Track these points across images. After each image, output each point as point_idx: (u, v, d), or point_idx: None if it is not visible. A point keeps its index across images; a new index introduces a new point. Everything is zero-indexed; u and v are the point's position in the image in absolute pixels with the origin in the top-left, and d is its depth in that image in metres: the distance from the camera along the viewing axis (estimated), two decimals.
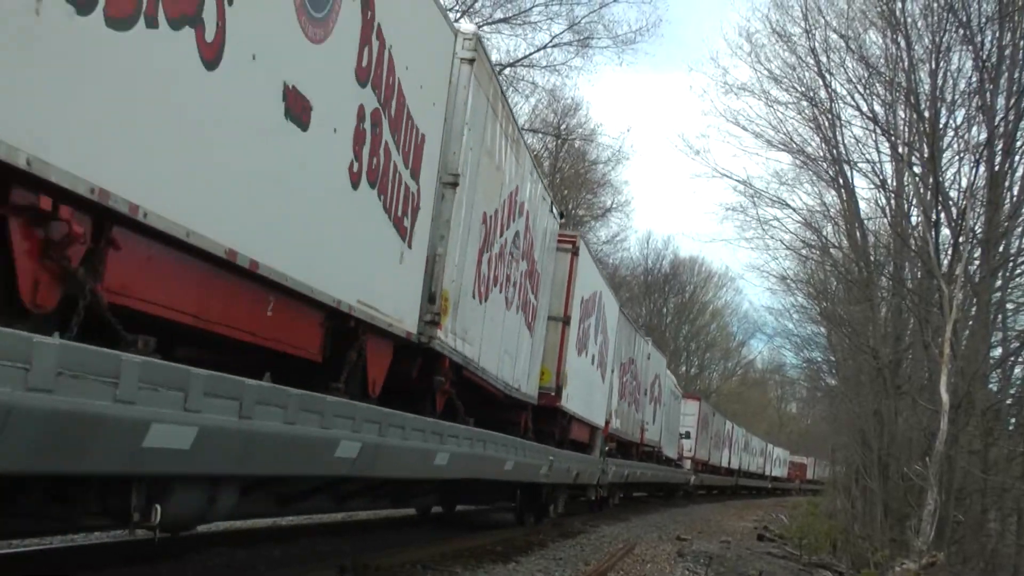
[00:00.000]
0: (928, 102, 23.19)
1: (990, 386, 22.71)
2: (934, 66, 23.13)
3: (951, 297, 18.70)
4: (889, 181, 26.55)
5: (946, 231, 22.12)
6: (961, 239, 21.20)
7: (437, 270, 9.76)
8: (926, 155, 23.16)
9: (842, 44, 25.71)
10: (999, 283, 22.38)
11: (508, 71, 36.49)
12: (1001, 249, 21.83)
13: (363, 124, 7.51)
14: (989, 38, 21.72)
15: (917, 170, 23.97)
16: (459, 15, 32.58)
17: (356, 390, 8.21)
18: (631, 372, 26.85)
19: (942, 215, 22.06)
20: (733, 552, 22.14)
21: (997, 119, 21.41)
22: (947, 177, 22.89)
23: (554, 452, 16.60)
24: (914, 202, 25.10)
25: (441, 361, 10.40)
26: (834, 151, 27.35)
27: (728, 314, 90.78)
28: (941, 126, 22.95)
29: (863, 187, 74.84)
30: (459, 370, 11.15)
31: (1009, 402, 22.77)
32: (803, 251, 33.28)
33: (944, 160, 22.92)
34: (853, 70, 25.95)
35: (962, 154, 22.87)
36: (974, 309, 21.50)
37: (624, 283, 60.71)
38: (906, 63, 23.70)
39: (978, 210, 21.66)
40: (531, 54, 35.57)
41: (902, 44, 23.77)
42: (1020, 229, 22.71)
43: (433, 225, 9.57)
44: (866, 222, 28.81)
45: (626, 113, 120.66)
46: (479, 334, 11.60)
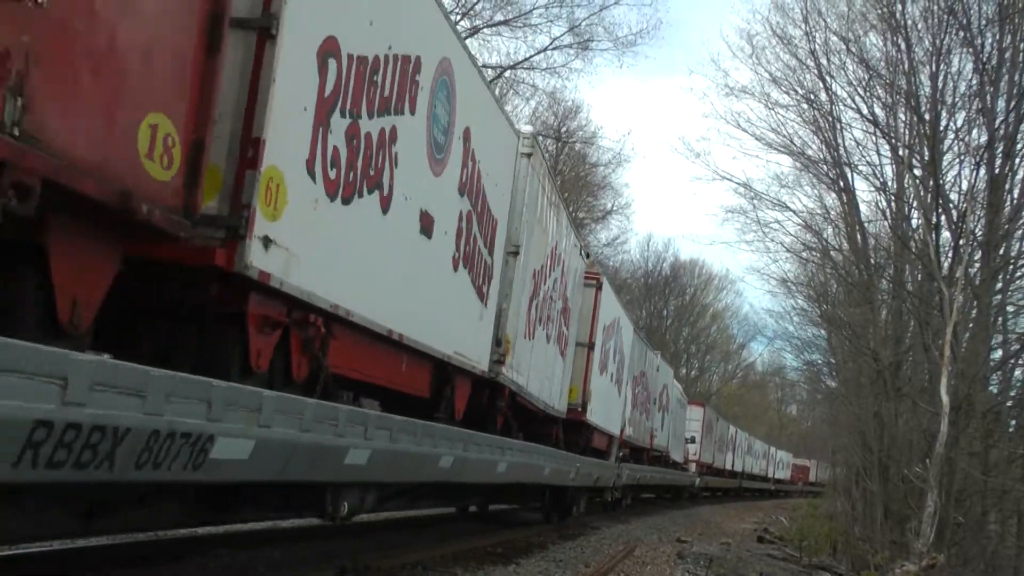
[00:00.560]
0: (928, 105, 23.20)
1: (990, 388, 22.74)
2: (934, 69, 23.15)
3: (951, 300, 18.72)
4: (890, 184, 26.58)
5: (946, 234, 22.15)
6: (961, 242, 21.22)
7: (502, 321, 12.52)
8: (926, 158, 23.18)
9: (842, 47, 25.77)
10: (999, 286, 22.42)
11: (508, 73, 36.41)
12: (1001, 252, 21.87)
13: (462, 224, 10.23)
14: (989, 40, 21.77)
15: (917, 173, 23.98)
16: (459, 17, 32.58)
17: (447, 417, 10.88)
18: (643, 384, 29.58)
19: (942, 218, 22.08)
20: (733, 554, 22.12)
21: (997, 122, 21.44)
22: (947, 180, 22.92)
23: (580, 459, 19.21)
24: (914, 205, 25.11)
25: (503, 390, 13.25)
26: (834, 154, 27.38)
27: (728, 316, 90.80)
28: (941, 129, 22.97)
29: (863, 190, 74.95)
30: (513, 396, 13.89)
31: (1009, 404, 22.79)
32: (803, 254, 33.32)
33: (944, 163, 22.94)
34: (853, 73, 26.00)
35: (962, 157, 22.89)
36: (974, 312, 21.53)
37: (624, 286, 60.71)
38: (906, 66, 23.74)
39: (978, 213, 21.69)
40: (531, 56, 35.63)
41: (902, 47, 23.81)
42: (1020, 232, 22.73)
43: (500, 286, 12.34)
44: (866, 225, 28.84)
45: (627, 115, 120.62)
46: (528, 365, 14.31)
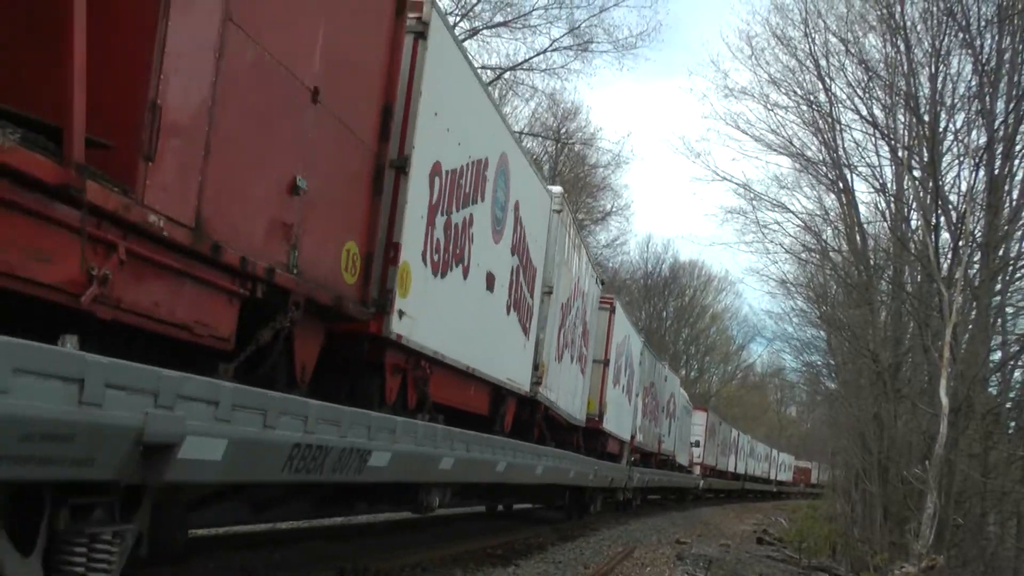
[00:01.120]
0: (928, 106, 23.23)
1: (990, 390, 22.72)
2: (934, 70, 23.12)
3: (951, 301, 18.73)
4: (889, 185, 26.60)
5: (946, 235, 22.16)
6: (961, 243, 21.21)
7: (539, 349, 15.27)
8: (926, 159, 23.18)
9: (842, 48, 25.78)
10: (999, 287, 22.42)
11: (508, 75, 36.45)
12: (1001, 253, 21.87)
13: (512, 277, 13.10)
14: (988, 42, 21.79)
15: (917, 174, 23.98)
16: (458, 18, 32.58)
17: (500, 429, 13.73)
18: (652, 394, 32.60)
19: (942, 219, 22.09)
20: (732, 555, 22.19)
21: (997, 123, 21.46)
22: (947, 181, 22.94)
23: (597, 463, 21.91)
24: (914, 206, 25.12)
25: (539, 406, 16.01)
26: (834, 155, 27.40)
27: (728, 318, 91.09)
28: (941, 130, 22.99)
29: (863, 191, 75.02)
30: (547, 410, 16.63)
31: (1009, 406, 22.77)
32: (803, 255, 33.34)
33: (944, 164, 22.93)
34: (853, 74, 26.00)
35: (962, 158, 22.88)
36: (974, 313, 21.55)
37: (624, 287, 60.81)
38: (906, 67, 23.73)
39: (978, 214, 21.69)
40: (531, 58, 35.74)
41: (902, 48, 23.82)
42: (1020, 233, 22.71)
43: (538, 321, 15.19)
44: (866, 226, 28.87)
45: (626, 116, 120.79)
46: (557, 384, 17.07)
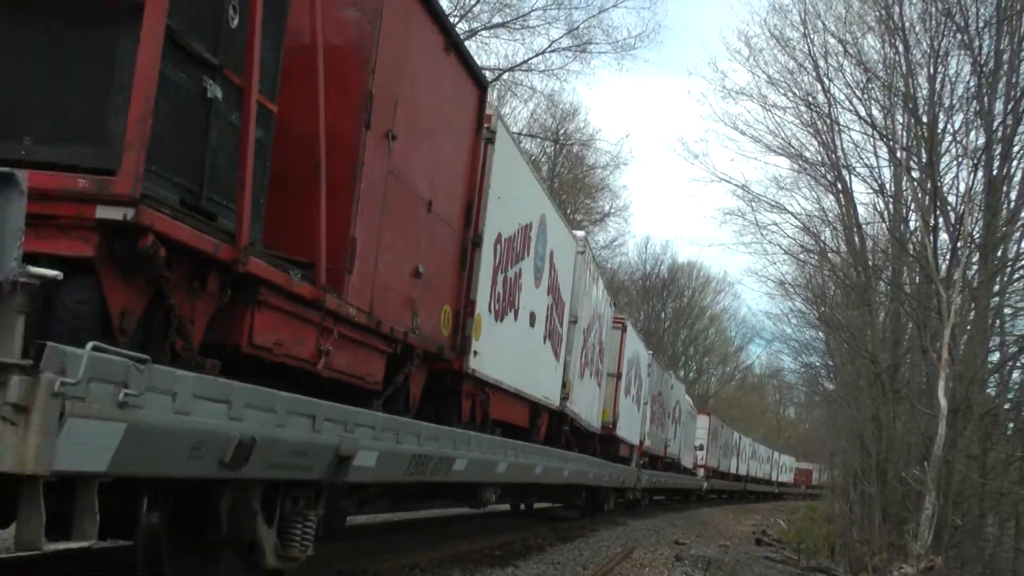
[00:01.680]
0: (926, 107, 23.23)
1: (988, 391, 22.73)
2: (932, 71, 23.10)
3: (949, 302, 18.74)
4: (887, 186, 26.61)
5: (944, 236, 22.15)
6: (959, 244, 21.16)
7: (567, 370, 18.22)
8: (924, 160, 23.15)
9: (840, 49, 25.74)
10: (997, 288, 22.41)
11: (506, 76, 36.47)
12: (999, 254, 21.89)
13: (548, 313, 15.95)
14: (987, 43, 21.76)
15: (915, 175, 23.97)
16: (457, 19, 32.63)
17: (536, 439, 16.32)
18: (659, 402, 35.40)
19: (940, 220, 22.11)
20: (731, 556, 22.24)
21: (995, 124, 21.46)
22: (945, 182, 22.94)
23: (612, 466, 24.97)
24: (912, 207, 25.12)
25: (565, 418, 18.92)
26: (832, 156, 27.40)
27: (726, 319, 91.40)
28: (939, 131, 22.98)
29: (861, 192, 75.10)
30: (572, 421, 19.53)
31: (1007, 406, 22.83)
32: (801, 256, 33.35)
33: (942, 165, 22.95)
34: (851, 75, 25.99)
35: (960, 159, 22.86)
36: (972, 314, 21.54)
37: (622, 288, 60.92)
38: (904, 68, 23.71)
39: (976, 215, 21.69)
40: (530, 59, 35.74)
41: (900, 49, 23.77)
42: (1018, 234, 22.70)
43: (565, 346, 18.02)
44: (864, 227, 28.89)
45: (625, 117, 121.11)
46: (579, 398, 19.94)
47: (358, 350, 8.33)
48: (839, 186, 28.23)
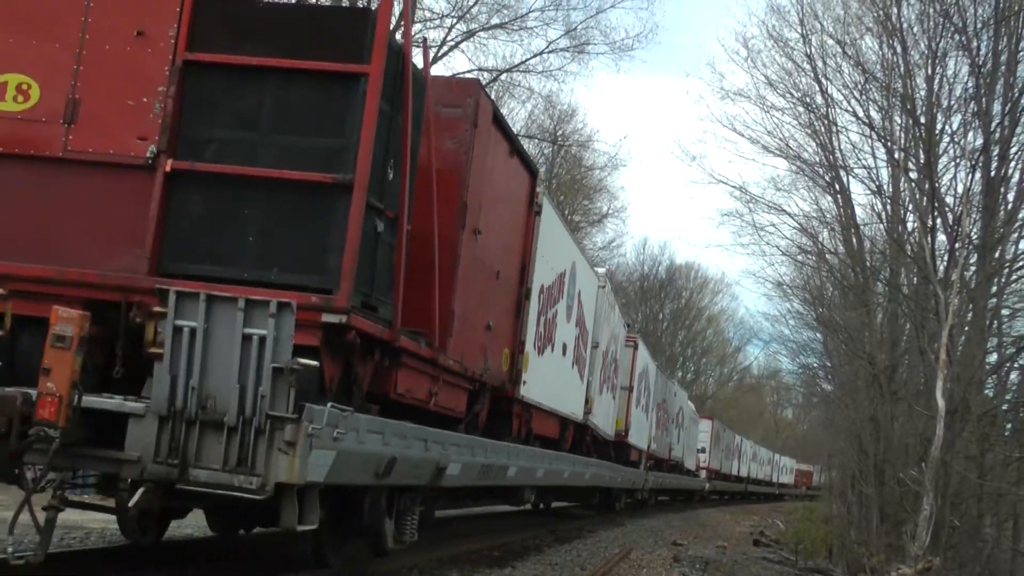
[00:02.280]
0: (924, 108, 23.59)
1: (986, 392, 22.99)
2: (930, 72, 23.51)
3: (947, 303, 18.96)
4: (885, 187, 27.03)
5: (942, 237, 22.56)
6: (957, 245, 21.47)
7: (589, 388, 21.14)
8: (922, 161, 23.43)
9: (838, 50, 26.20)
10: (995, 289, 22.71)
11: (504, 76, 36.52)
12: (997, 255, 22.32)
13: (575, 342, 18.88)
14: (985, 44, 22.18)
15: (913, 176, 24.32)
16: (455, 20, 32.67)
17: (564, 447, 19.55)
18: (664, 409, 38.76)
19: (938, 221, 22.48)
20: (729, 557, 22.51)
21: (993, 125, 21.83)
22: (943, 183, 23.45)
23: (624, 469, 28.37)
24: (910, 208, 25.52)
25: (587, 429, 22.03)
26: (830, 157, 27.79)
27: (724, 320, 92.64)
28: (937, 132, 23.48)
29: (859, 193, 75.23)
30: (592, 431, 22.56)
31: (1005, 407, 23.26)
32: (799, 257, 33.77)
33: (940, 166, 23.42)
34: (849, 75, 26.43)
35: (958, 160, 23.28)
36: (970, 315, 21.93)
37: (620, 289, 61.14)
38: (902, 68, 24.07)
39: (974, 216, 22.04)
40: (527, 60, 36.08)
41: (898, 50, 24.19)
42: (1016, 235, 23.07)
43: (588, 368, 20.99)
44: (862, 228, 29.38)
45: (623, 118, 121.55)
46: (598, 411, 22.74)
47: (452, 390, 11.84)
48: (837, 187, 28.65)
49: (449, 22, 36.19)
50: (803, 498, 76.32)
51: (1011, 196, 23.70)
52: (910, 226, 26.72)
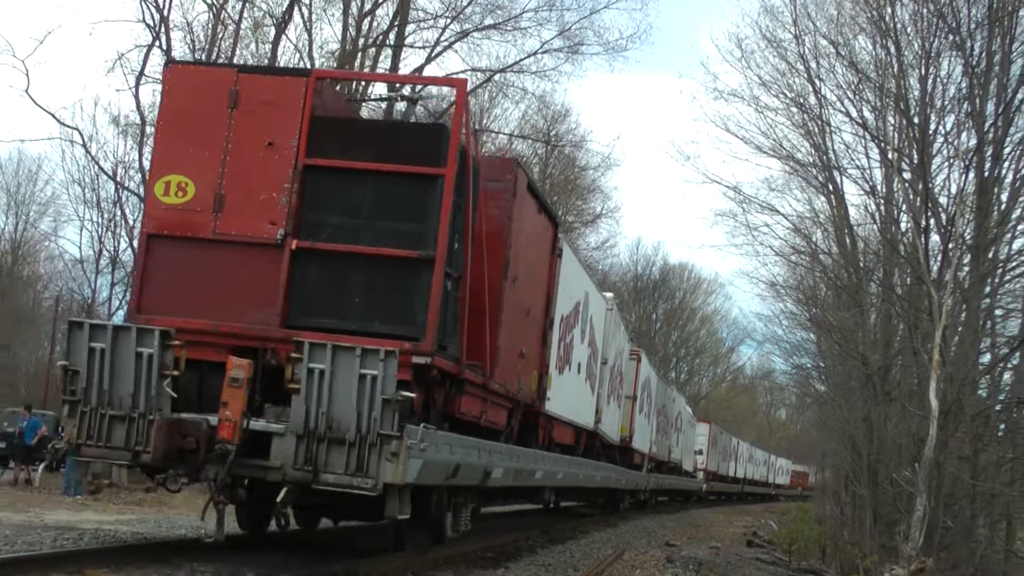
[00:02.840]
0: (918, 108, 24.05)
1: (979, 392, 23.10)
2: (924, 72, 23.94)
3: (941, 303, 19.17)
4: (879, 187, 27.51)
5: (936, 237, 22.92)
6: (951, 245, 21.83)
7: (598, 400, 24.43)
8: (916, 161, 23.85)
9: (832, 50, 26.78)
10: (988, 289, 22.96)
11: (498, 77, 36.69)
12: (991, 255, 22.83)
13: (588, 360, 22.29)
14: (979, 44, 22.46)
15: (907, 176, 24.75)
16: (449, 21, 32.84)
17: (578, 452, 23.47)
18: (664, 414, 41.88)
19: (932, 221, 22.79)
20: (722, 558, 22.79)
21: (987, 125, 22.17)
22: (937, 183, 23.98)
23: (628, 472, 31.60)
24: (904, 208, 26.04)
25: (597, 436, 25.42)
26: (824, 157, 28.29)
27: (717, 320, 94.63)
28: (931, 132, 23.96)
29: (853, 193, 75.69)
30: (601, 438, 26.04)
31: (998, 408, 23.55)
32: (793, 257, 34.40)
33: (934, 166, 23.94)
34: (843, 76, 27.04)
35: (952, 160, 23.63)
36: (963, 315, 22.13)
37: (614, 289, 61.19)
38: (896, 69, 24.48)
39: (967, 216, 22.32)
40: (521, 60, 36.52)
41: (892, 50, 24.69)
42: (1009, 235, 23.36)
43: (599, 381, 24.38)
44: (856, 228, 30.01)
45: (616, 118, 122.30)
46: (606, 419, 25.99)
47: (497, 408, 14.95)
48: (830, 187, 29.13)
49: (443, 22, 36.30)
50: (798, 499, 76.76)
51: (1004, 196, 24.32)
52: (904, 226, 27.17)
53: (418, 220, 11.71)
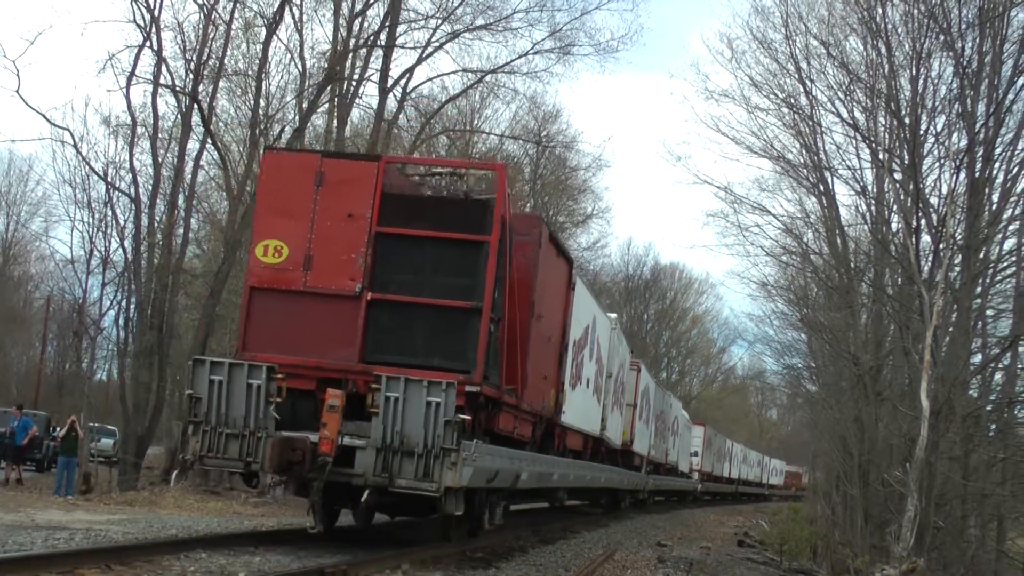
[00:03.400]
0: (909, 108, 24.56)
1: (970, 392, 23.32)
2: (914, 72, 24.53)
3: (932, 303, 19.49)
4: (870, 188, 28.17)
5: (927, 238, 23.54)
6: (942, 245, 22.20)
7: (604, 409, 27.52)
8: (906, 162, 24.39)
9: (823, 51, 27.28)
10: (979, 289, 23.30)
11: (489, 78, 36.80)
12: (981, 255, 23.37)
13: (595, 375, 25.65)
14: (969, 44, 22.70)
15: (898, 176, 25.39)
16: (440, 21, 33.11)
17: (586, 456, 28.14)
18: (662, 419, 44.86)
19: (923, 222, 23.30)
20: (713, 558, 23.09)
21: (977, 125, 22.77)
22: (928, 184, 24.76)
23: (629, 473, 35.27)
24: (895, 208, 26.38)
25: (602, 442, 28.79)
26: (815, 157, 28.92)
27: (708, 320, 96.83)
28: (922, 132, 24.62)
29: (844, 194, 75.96)
30: (606, 443, 29.54)
31: (989, 408, 24.14)
32: (784, 257, 35.23)
33: (925, 167, 24.74)
34: (834, 76, 27.72)
35: (943, 160, 24.29)
36: (954, 315, 22.34)
37: (605, 289, 61.72)
38: (886, 69, 25.16)
39: (959, 217, 22.84)
40: (512, 61, 37.06)
41: (882, 50, 25.30)
42: (1000, 236, 23.64)
43: (604, 392, 27.52)
44: (847, 228, 30.92)
45: (607, 118, 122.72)
46: (610, 425, 29.30)
47: (525, 423, 18.31)
48: (821, 188, 29.80)
49: (434, 23, 36.47)
50: (791, 499, 76.97)
51: (995, 197, 25.14)
52: (894, 227, 27.94)
53: (468, 276, 15.05)
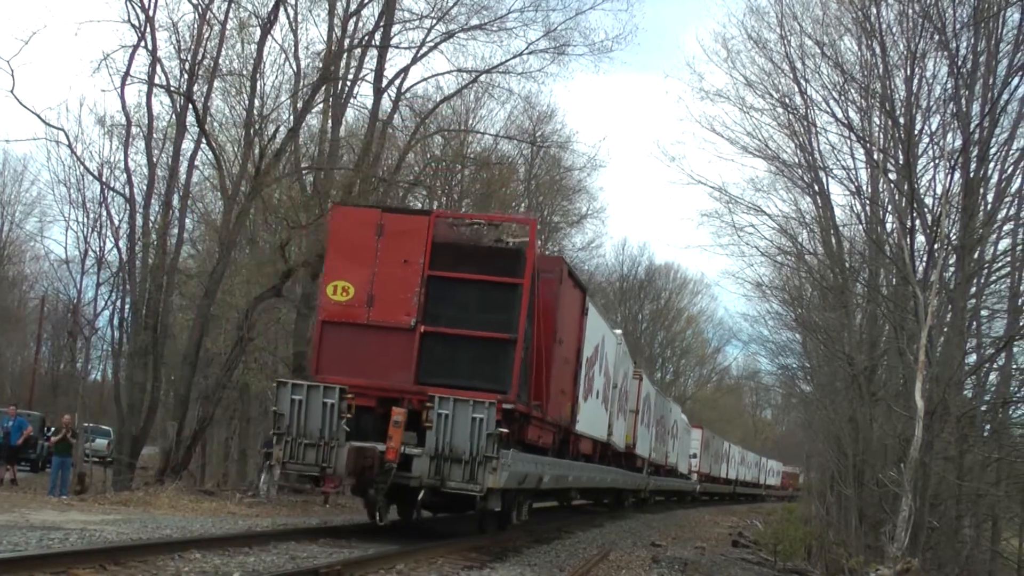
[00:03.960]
0: (903, 108, 25.12)
1: (965, 392, 23.52)
2: (909, 72, 24.98)
3: (926, 303, 19.66)
4: (864, 188, 28.99)
5: (921, 238, 24.01)
6: (936, 246, 22.67)
7: (610, 416, 32.54)
8: (901, 162, 24.87)
9: (817, 51, 27.76)
10: (974, 289, 23.58)
11: (483, 78, 36.93)
12: (976, 256, 24.06)
13: (604, 387, 30.28)
14: (964, 44, 23.15)
15: (892, 176, 25.78)
16: (434, 21, 33.27)
17: (596, 460, 35.18)
18: (662, 423, 48.20)
19: (917, 222, 23.71)
20: (708, 558, 23.37)
21: (972, 125, 23.17)
22: (922, 184, 25.47)
23: (631, 474, 39.64)
24: (889, 208, 27.22)
25: (609, 447, 34.34)
26: (809, 157, 29.63)
27: (703, 320, 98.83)
28: (916, 132, 25.17)
29: (838, 193, 76.77)
30: (611, 447, 35.15)
31: (984, 408, 24.49)
32: (778, 257, 36.07)
33: (919, 167, 25.24)
34: (828, 76, 28.36)
35: (937, 160, 24.85)
36: (949, 315, 22.60)
37: (599, 289, 62.08)
38: (881, 69, 25.69)
39: (953, 217, 23.35)
40: (507, 61, 37.68)
41: (877, 50, 26.03)
42: (995, 236, 24.13)
43: (611, 402, 32.65)
44: (841, 228, 31.81)
45: (602, 118, 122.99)
46: (615, 431, 34.22)
47: (547, 433, 22.36)
48: (816, 188, 30.41)
49: (428, 23, 36.67)
50: (787, 499, 77.21)
51: (990, 197, 25.93)
52: (889, 227, 28.50)
53: (505, 313, 18.65)
